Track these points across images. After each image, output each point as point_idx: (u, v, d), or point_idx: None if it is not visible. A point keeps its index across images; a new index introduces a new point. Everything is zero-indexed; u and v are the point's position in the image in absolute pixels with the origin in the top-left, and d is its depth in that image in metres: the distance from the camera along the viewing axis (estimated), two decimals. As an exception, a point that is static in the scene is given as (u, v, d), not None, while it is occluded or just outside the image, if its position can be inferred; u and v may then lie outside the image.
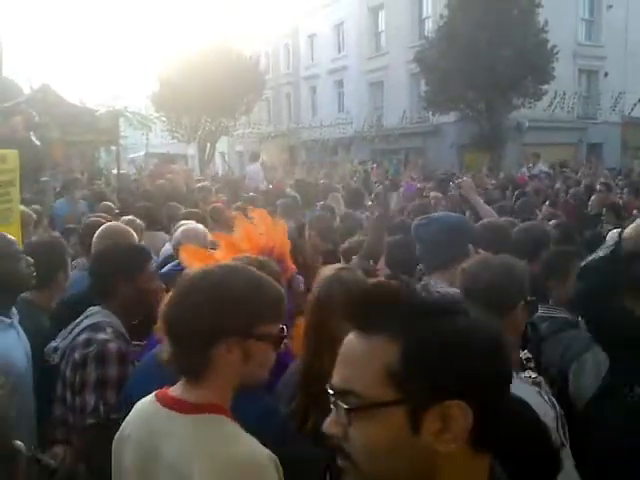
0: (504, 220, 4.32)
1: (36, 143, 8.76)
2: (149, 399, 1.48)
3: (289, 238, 2.59)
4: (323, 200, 7.68)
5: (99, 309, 2.40)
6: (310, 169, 19.58)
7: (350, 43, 30.05)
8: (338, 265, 2.16)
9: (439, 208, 6.19)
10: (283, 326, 1.50)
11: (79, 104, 13.95)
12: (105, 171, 15.54)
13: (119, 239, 3.30)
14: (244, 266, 1.55)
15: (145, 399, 1.50)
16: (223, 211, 6.03)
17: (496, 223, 3.92)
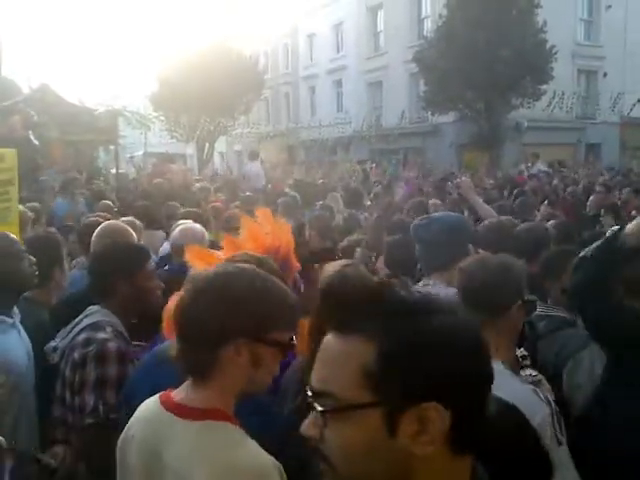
0: (505, 219, 4.31)
1: (34, 142, 8.77)
2: (153, 400, 1.47)
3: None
4: (322, 200, 7.69)
5: (98, 308, 2.40)
6: (309, 169, 19.53)
7: (349, 43, 30.05)
8: (343, 261, 2.16)
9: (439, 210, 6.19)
10: (293, 336, 1.48)
11: (78, 103, 13.94)
12: (104, 170, 15.49)
13: (118, 238, 3.29)
14: (259, 271, 1.53)
15: (150, 400, 1.49)
16: (223, 211, 6.04)
17: (499, 222, 3.92)
